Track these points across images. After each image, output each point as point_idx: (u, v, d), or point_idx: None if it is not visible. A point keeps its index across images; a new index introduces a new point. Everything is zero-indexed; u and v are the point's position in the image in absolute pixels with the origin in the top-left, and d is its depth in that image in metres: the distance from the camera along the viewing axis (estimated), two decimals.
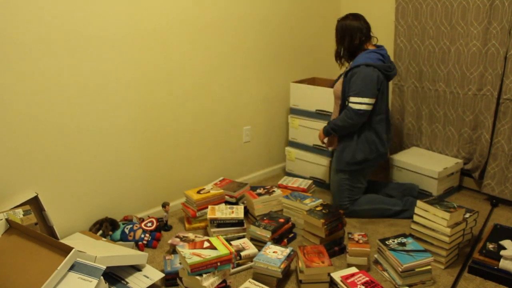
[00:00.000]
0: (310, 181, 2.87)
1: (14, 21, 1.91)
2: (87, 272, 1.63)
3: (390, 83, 3.19)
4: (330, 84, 2.83)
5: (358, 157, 2.49)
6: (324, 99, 2.89)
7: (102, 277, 1.64)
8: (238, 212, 2.34)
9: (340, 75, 2.67)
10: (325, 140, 2.70)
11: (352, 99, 2.41)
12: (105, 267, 1.67)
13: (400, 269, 1.91)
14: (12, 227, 1.80)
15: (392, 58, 3.15)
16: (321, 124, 2.86)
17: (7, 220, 1.79)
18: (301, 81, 3.15)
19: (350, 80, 2.43)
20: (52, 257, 1.63)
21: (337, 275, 1.93)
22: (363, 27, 2.49)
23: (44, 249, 1.67)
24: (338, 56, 2.59)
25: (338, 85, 2.57)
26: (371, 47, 2.52)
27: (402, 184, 2.77)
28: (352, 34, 2.49)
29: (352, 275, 1.92)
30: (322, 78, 3.28)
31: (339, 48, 2.57)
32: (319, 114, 2.95)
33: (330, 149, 2.85)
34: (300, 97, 3.05)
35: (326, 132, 2.59)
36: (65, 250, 1.63)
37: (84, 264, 1.65)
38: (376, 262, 2.11)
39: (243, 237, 2.33)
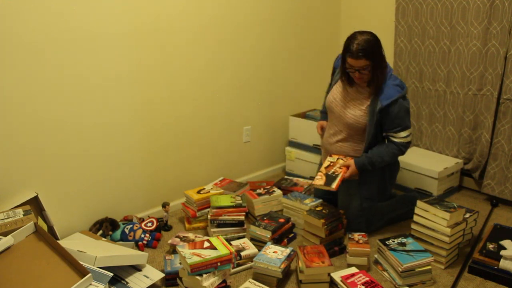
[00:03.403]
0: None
1: (13, 20, 1.91)
2: (95, 278, 1.64)
3: None
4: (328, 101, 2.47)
5: (392, 186, 2.46)
6: None
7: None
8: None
9: (329, 88, 2.48)
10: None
11: (401, 134, 2.25)
12: (112, 274, 1.68)
13: (400, 269, 1.91)
14: (37, 231, 1.80)
15: (392, 58, 3.16)
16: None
17: (35, 224, 1.79)
18: None
19: (387, 116, 2.21)
20: (67, 274, 1.63)
21: (337, 275, 1.93)
22: None
23: (62, 263, 1.68)
24: (381, 78, 2.22)
25: (355, 113, 2.28)
26: None
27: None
28: (381, 50, 2.22)
29: (352, 275, 1.92)
30: None
31: (380, 66, 2.20)
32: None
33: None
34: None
35: (363, 167, 2.28)
36: (82, 271, 1.64)
37: (92, 270, 1.66)
38: (376, 262, 2.11)
39: (243, 237, 2.33)
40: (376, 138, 2.32)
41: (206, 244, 1.86)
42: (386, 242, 2.07)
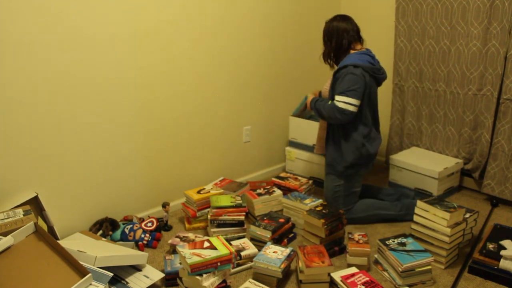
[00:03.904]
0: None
1: (13, 20, 1.91)
2: (95, 278, 1.64)
3: (388, 84, 3.19)
4: None
5: (349, 160, 2.44)
6: None
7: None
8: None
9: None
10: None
11: (337, 97, 2.34)
12: (112, 274, 1.68)
13: (400, 269, 1.91)
14: (37, 231, 1.80)
15: (392, 58, 3.16)
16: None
17: (35, 224, 1.79)
18: None
19: (337, 79, 2.39)
20: (67, 274, 1.63)
21: (337, 275, 1.93)
22: (350, 28, 2.44)
23: (62, 263, 1.68)
24: (327, 57, 2.55)
25: (327, 85, 2.55)
26: (358, 47, 2.47)
27: (397, 190, 2.73)
28: (339, 35, 2.44)
29: (352, 275, 1.92)
30: None
31: (327, 50, 2.53)
32: None
33: (317, 153, 2.78)
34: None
35: (312, 107, 2.52)
36: (82, 271, 1.64)
37: (92, 270, 1.66)
38: (376, 262, 2.11)
39: (243, 237, 2.33)
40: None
41: (206, 244, 1.86)
42: (386, 242, 2.07)
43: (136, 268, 1.93)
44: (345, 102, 2.32)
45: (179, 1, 2.47)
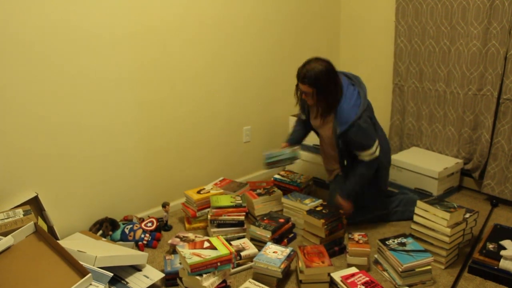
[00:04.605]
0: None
1: (13, 20, 1.91)
2: (95, 278, 1.64)
3: (388, 84, 3.20)
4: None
5: (385, 187, 2.46)
6: None
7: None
8: None
9: (304, 106, 2.49)
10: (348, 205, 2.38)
11: (365, 153, 2.27)
12: (112, 274, 1.68)
13: (400, 269, 1.91)
14: (37, 231, 1.80)
15: (392, 58, 3.16)
16: None
17: (35, 224, 1.79)
18: None
19: (349, 139, 2.24)
20: (67, 274, 1.63)
21: (337, 275, 1.93)
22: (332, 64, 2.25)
23: (62, 263, 1.68)
24: (331, 107, 2.25)
25: (328, 130, 2.36)
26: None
27: (402, 193, 2.70)
28: (335, 78, 2.23)
29: (352, 275, 1.92)
30: None
31: (331, 97, 2.23)
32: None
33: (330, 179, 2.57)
34: None
35: (348, 196, 2.35)
36: (82, 271, 1.64)
37: (92, 270, 1.66)
38: (376, 262, 2.11)
39: (243, 237, 2.33)
40: (349, 155, 2.35)
41: (206, 244, 1.86)
42: (386, 242, 2.07)
43: (136, 268, 1.93)
44: (372, 153, 2.27)
45: (180, 2, 2.47)
